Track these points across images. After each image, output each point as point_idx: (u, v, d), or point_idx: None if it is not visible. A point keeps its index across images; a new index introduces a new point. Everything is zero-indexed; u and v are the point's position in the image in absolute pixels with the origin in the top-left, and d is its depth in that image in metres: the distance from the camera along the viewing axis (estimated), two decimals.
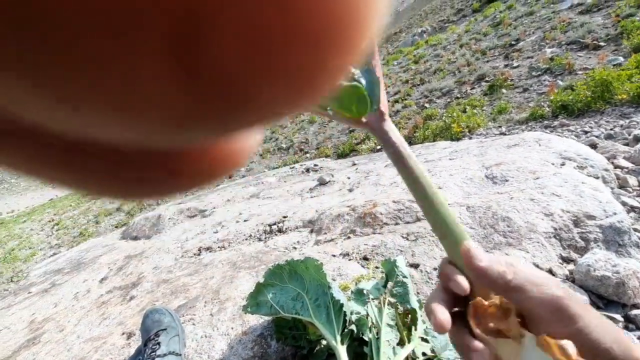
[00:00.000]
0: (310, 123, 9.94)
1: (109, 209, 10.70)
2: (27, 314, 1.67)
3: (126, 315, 1.34)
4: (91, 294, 1.74)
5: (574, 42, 6.63)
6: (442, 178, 1.74)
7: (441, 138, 4.89)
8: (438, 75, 8.60)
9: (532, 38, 7.93)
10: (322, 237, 1.59)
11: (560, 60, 5.93)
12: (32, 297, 1.94)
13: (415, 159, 0.36)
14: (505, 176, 1.54)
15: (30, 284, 2.29)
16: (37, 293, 1.98)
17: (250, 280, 1.30)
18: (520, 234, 1.16)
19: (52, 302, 1.74)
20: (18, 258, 8.16)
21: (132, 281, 1.75)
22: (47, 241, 9.49)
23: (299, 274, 0.87)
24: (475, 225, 1.25)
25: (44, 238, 10.00)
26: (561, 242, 1.12)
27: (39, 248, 8.95)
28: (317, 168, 3.73)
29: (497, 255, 0.34)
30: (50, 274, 2.42)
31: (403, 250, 1.24)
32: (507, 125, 4.75)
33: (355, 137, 7.17)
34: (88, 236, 8.65)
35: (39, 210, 16.20)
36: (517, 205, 1.28)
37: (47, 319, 1.53)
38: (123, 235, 3.20)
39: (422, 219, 1.40)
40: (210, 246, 1.94)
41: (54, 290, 1.96)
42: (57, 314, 1.57)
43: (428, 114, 6.29)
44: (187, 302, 1.27)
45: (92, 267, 2.24)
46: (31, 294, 2.02)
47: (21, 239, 10.55)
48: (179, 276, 1.58)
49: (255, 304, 0.86)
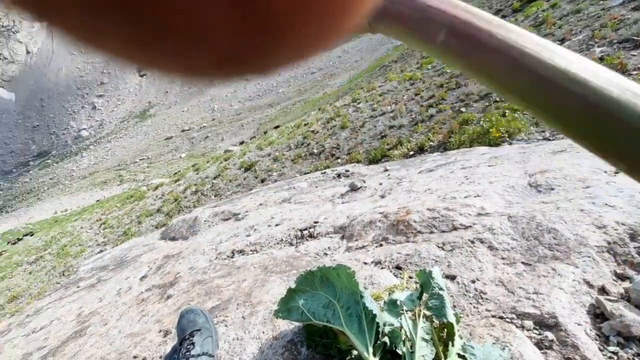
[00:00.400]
0: (342, 128, 9.93)
1: (150, 210, 11.30)
2: (76, 307, 1.79)
3: (163, 314, 1.40)
4: (132, 291, 1.83)
5: (626, 40, 6.13)
6: (481, 185, 1.66)
7: (478, 144, 4.69)
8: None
9: (579, 37, 7.43)
10: (353, 243, 1.57)
11: (612, 59, 5.50)
12: (81, 291, 2.08)
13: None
14: (551, 184, 1.45)
15: (79, 278, 2.46)
16: (85, 288, 2.13)
17: (282, 285, 1.31)
18: (568, 247, 1.07)
19: (97, 297, 1.85)
20: (69, 254, 8.82)
21: (170, 280, 1.82)
22: (95, 239, 10.19)
23: (331, 281, 0.87)
24: (518, 236, 1.18)
25: (92, 236, 10.75)
26: (615, 257, 1.03)
27: (87, 245, 9.63)
28: (348, 174, 3.71)
29: None
30: (96, 270, 2.59)
31: (438, 261, 1.20)
32: (551, 130, 4.46)
33: (388, 142, 7.07)
34: (131, 235, 9.18)
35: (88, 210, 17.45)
36: (564, 215, 1.19)
37: (92, 313, 1.64)
38: (162, 236, 3.35)
39: (458, 228, 1.35)
40: (242, 249, 1.98)
41: (99, 285, 2.09)
42: (102, 308, 1.67)
43: (464, 118, 6.06)
44: (220, 303, 1.30)
45: (133, 265, 2.37)
46: (80, 288, 2.17)
47: (72, 236, 11.41)
48: (213, 277, 1.63)
49: (287, 309, 0.87)
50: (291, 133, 13.25)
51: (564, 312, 0.88)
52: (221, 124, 51.48)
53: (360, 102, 12.43)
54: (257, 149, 13.03)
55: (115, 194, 25.00)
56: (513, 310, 0.92)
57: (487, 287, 1.03)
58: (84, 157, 60.93)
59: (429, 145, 5.98)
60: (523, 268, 1.06)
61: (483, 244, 1.20)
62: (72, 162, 58.93)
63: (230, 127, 47.24)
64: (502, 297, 0.98)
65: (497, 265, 1.10)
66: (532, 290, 0.96)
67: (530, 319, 0.89)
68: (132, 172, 37.67)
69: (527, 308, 0.91)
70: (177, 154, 42.11)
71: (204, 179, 12.04)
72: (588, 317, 0.88)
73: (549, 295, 0.93)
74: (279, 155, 10.50)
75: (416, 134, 6.90)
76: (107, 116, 79.54)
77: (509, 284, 1.01)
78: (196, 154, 38.80)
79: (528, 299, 0.94)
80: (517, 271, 1.05)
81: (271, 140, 13.63)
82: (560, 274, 0.98)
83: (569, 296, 0.92)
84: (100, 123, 77.70)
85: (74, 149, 69.90)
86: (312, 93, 47.03)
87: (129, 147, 56.99)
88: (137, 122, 73.08)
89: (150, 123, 69.02)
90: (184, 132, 55.10)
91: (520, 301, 0.94)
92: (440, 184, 1.97)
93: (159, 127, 63.55)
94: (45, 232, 14.71)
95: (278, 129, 20.60)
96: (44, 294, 2.51)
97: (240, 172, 10.92)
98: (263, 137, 18.75)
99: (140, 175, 34.28)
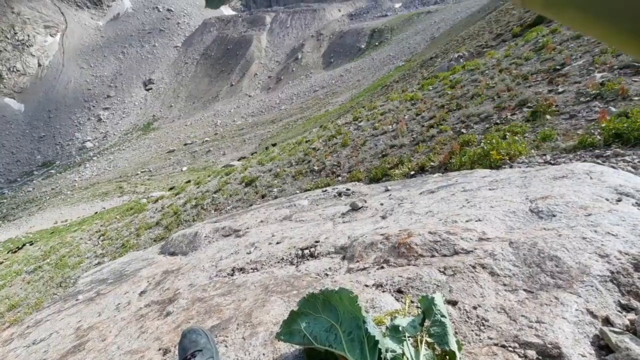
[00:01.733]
0: (343, 146, 10.01)
1: (149, 223, 11.27)
2: (75, 320, 1.78)
3: (163, 331, 1.39)
4: (131, 307, 1.82)
5: (627, 66, 6.26)
6: (482, 209, 1.67)
7: (479, 165, 4.72)
8: (476, 101, 8.41)
9: (580, 62, 7.59)
10: (354, 265, 1.57)
11: (613, 85, 5.59)
12: (79, 304, 2.07)
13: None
14: (553, 211, 1.45)
15: (78, 291, 2.44)
16: (84, 301, 2.11)
17: (282, 306, 1.30)
18: (570, 275, 1.07)
19: (96, 311, 1.84)
20: (67, 265, 8.75)
21: (169, 297, 1.81)
22: (94, 250, 10.12)
23: (333, 305, 0.87)
24: (519, 263, 1.18)
25: (90, 247, 10.69)
26: (619, 287, 1.03)
27: (85, 256, 9.56)
28: (349, 192, 3.72)
29: None
30: (95, 283, 2.57)
31: (440, 285, 1.19)
32: (552, 153, 4.50)
33: (389, 161, 7.11)
34: (129, 248, 9.13)
35: (88, 221, 17.41)
36: (566, 243, 1.19)
37: (91, 327, 1.62)
38: (162, 250, 3.34)
39: (460, 252, 1.35)
40: (243, 267, 1.97)
41: (98, 299, 2.07)
42: (101, 323, 1.65)
43: (465, 139, 6.12)
44: (220, 322, 1.29)
45: (132, 280, 2.36)
46: (78, 301, 2.15)
47: (71, 247, 11.34)
48: (213, 295, 1.62)
49: (289, 332, 0.86)
50: (292, 149, 13.36)
51: (568, 342, 0.87)
52: (223, 139, 51.95)
53: (362, 120, 12.59)
54: (258, 164, 13.11)
55: (115, 206, 25.00)
56: (516, 339, 0.92)
57: (489, 314, 1.02)
58: (87, 168, 61.25)
59: (430, 166, 6.01)
60: (525, 295, 1.05)
61: (485, 270, 1.20)
62: (75, 173, 59.19)
63: (232, 142, 47.64)
64: (504, 324, 0.97)
65: (499, 292, 1.10)
66: (535, 318, 0.96)
67: (533, 349, 0.88)
68: (133, 184, 37.78)
69: (529, 337, 0.91)
70: (178, 167, 42.32)
71: (205, 193, 12.06)
72: (592, 349, 0.87)
73: (551, 324, 0.92)
74: (280, 171, 10.55)
75: (417, 153, 6.95)
76: (111, 128, 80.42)
77: (511, 312, 1.01)
78: (197, 167, 39.00)
79: (530, 327, 0.94)
80: (519, 298, 1.05)
81: (272, 156, 13.73)
82: (563, 303, 0.98)
83: (572, 326, 0.92)
84: (104, 135, 78.50)
85: (77, 159, 70.35)
86: (314, 110, 47.62)
87: (131, 159, 57.36)
88: (141, 134, 73.82)
89: (153, 136, 69.72)
90: (186, 145, 55.55)
91: (522, 330, 0.94)
92: (442, 206, 1.98)
93: (162, 140, 64.13)
94: (45, 241, 14.64)
95: (279, 145, 20.78)
96: (43, 306, 2.49)
97: (241, 187, 10.95)
98: (265, 152, 18.89)
99: (140, 187, 34.37)
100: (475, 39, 25.67)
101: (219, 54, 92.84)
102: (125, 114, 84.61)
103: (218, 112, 70.64)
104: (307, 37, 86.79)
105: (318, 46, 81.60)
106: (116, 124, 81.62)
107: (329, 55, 76.69)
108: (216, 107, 74.20)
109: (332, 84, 59.81)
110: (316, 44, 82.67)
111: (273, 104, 64.19)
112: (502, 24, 23.84)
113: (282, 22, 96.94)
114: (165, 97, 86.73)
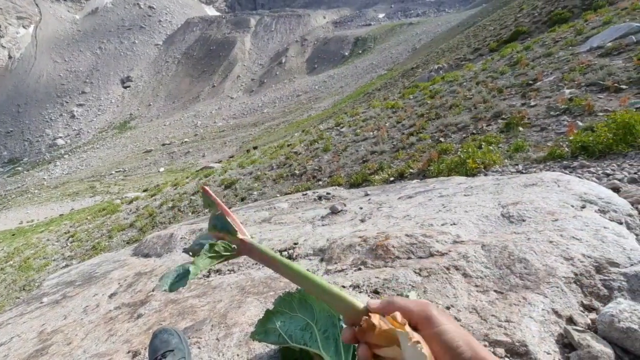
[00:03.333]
0: (325, 151, 10.06)
1: (122, 225, 10.88)
2: (38, 323, 1.68)
3: (133, 334, 1.34)
4: (100, 309, 1.75)
5: (593, 84, 6.64)
6: (457, 214, 1.72)
7: (456, 173, 4.86)
8: (454, 111, 8.67)
9: (550, 79, 7.99)
10: (332, 266, 1.57)
11: (580, 101, 5.92)
12: (44, 307, 1.96)
13: (281, 259, 0.57)
14: (522, 216, 1.52)
15: (43, 293, 2.32)
16: (49, 304, 2.00)
17: (259, 307, 1.28)
18: (538, 277, 1.12)
19: (62, 314, 1.75)
20: (32, 267, 8.30)
21: (141, 299, 1.75)
22: (61, 252, 9.65)
23: (309, 304, 0.87)
24: (491, 264, 1.22)
25: (58, 249, 10.19)
26: (582, 288, 1.08)
27: (52, 259, 9.10)
28: (329, 196, 3.74)
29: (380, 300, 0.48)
30: (62, 286, 2.45)
31: (415, 286, 1.22)
32: (524, 163, 4.70)
33: (369, 167, 7.20)
34: (100, 250, 8.76)
35: (56, 221, 16.60)
36: (534, 246, 1.25)
37: (56, 331, 1.54)
38: (135, 252, 3.23)
39: (435, 254, 1.38)
40: (219, 268, 1.94)
41: (64, 302, 1.97)
42: (66, 326, 1.58)
43: (443, 148, 6.29)
44: (193, 324, 1.26)
45: (102, 282, 2.26)
46: (43, 304, 2.04)
47: (37, 249, 10.77)
48: (187, 297, 1.58)
49: (264, 331, 0.85)
50: (274, 153, 13.29)
51: (534, 340, 0.91)
52: (203, 140, 51.04)
53: (344, 126, 12.71)
54: (238, 167, 12.96)
55: (86, 206, 23.98)
56: (486, 338, 0.94)
57: (461, 314, 1.05)
58: (57, 166, 58.56)
59: (409, 172, 6.13)
60: (495, 296, 1.09)
61: (458, 271, 1.23)
62: (44, 171, 56.43)
63: (213, 143, 46.87)
64: (475, 324, 1.00)
65: (471, 293, 1.13)
66: (504, 318, 0.99)
67: (502, 347, 0.91)
68: (107, 184, 36.40)
69: (499, 336, 0.94)
70: (155, 168, 41.15)
71: (182, 195, 11.78)
72: (557, 347, 0.91)
73: (519, 323, 0.96)
74: (261, 174, 10.47)
75: (397, 160, 7.08)
76: (85, 125, 77.34)
77: (482, 312, 1.04)
78: (175, 169, 38.07)
79: (500, 327, 0.97)
80: (490, 299, 1.08)
81: (253, 159, 13.61)
82: (530, 303, 1.02)
83: (538, 325, 0.96)
84: (77, 132, 75.37)
85: (47, 157, 67.15)
86: (297, 115, 47.69)
87: (106, 159, 55.29)
88: (116, 133, 71.37)
89: (130, 135, 67.59)
90: (164, 146, 54.14)
91: (492, 329, 0.97)
92: (419, 210, 2.02)
93: (139, 140, 62.25)
94: (9, 242, 13.82)
95: (260, 148, 20.63)
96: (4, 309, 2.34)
97: (221, 189, 10.77)
98: (245, 155, 18.69)
99: (114, 187, 33.15)
100: (454, 52, 26.55)
101: (202, 54, 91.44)
102: (100, 111, 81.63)
103: (199, 112, 69.39)
104: (291, 42, 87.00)
105: (302, 51, 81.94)
106: (90, 121, 78.56)
107: (313, 60, 77.15)
108: (197, 108, 72.89)
109: (315, 90, 60.12)
110: (300, 49, 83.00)
111: (255, 106, 63.75)
112: (479, 39, 24.80)
113: (267, 25, 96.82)
114: (144, 96, 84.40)
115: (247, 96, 72.92)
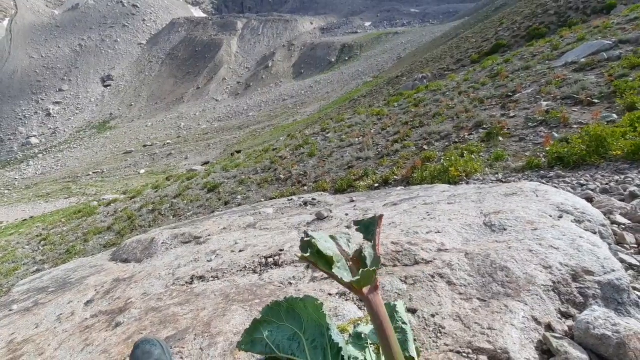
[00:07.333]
0: (310, 156, 10.07)
1: (99, 228, 10.52)
2: (7, 332, 1.60)
3: (111, 343, 1.29)
4: (75, 317, 1.68)
5: (568, 97, 6.94)
6: (441, 222, 1.75)
7: (439, 180, 4.96)
8: (437, 119, 8.87)
9: (529, 91, 8.29)
10: (318, 274, 1.57)
11: (556, 113, 6.17)
12: (13, 315, 1.87)
13: (391, 329, 0.60)
14: (504, 225, 1.56)
15: (12, 300, 2.21)
16: (19, 311, 1.91)
17: (244, 315, 1.27)
18: (519, 285, 1.16)
19: (33, 323, 1.67)
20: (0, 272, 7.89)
21: (119, 307, 1.69)
22: (32, 256, 9.22)
23: (297, 313, 0.86)
24: (474, 273, 1.25)
25: (29, 252, 9.73)
26: (560, 296, 1.12)
27: (22, 263, 8.68)
28: (315, 202, 3.74)
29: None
30: (33, 292, 2.34)
31: (401, 294, 1.23)
32: (503, 172, 4.84)
33: (354, 173, 7.25)
34: (75, 254, 8.43)
35: (28, 224, 15.87)
36: (515, 255, 1.28)
37: (27, 340, 1.47)
38: (113, 257, 3.13)
39: (420, 262, 1.40)
40: (203, 275, 1.90)
41: (36, 309, 1.88)
42: (38, 335, 1.50)
43: (427, 155, 6.42)
44: (176, 333, 1.23)
45: (78, 289, 2.18)
46: (12, 311, 1.94)
47: (6, 252, 10.25)
48: (169, 305, 1.54)
49: (250, 341, 0.84)
50: (259, 157, 13.19)
51: (515, 347, 0.93)
52: (186, 142, 50.10)
53: (330, 132, 12.77)
54: (222, 170, 12.79)
55: (61, 208, 23.05)
56: (469, 345, 0.96)
57: (445, 322, 1.07)
58: (30, 165, 56.14)
59: (394, 179, 6.21)
60: (478, 304, 1.11)
61: (443, 279, 1.25)
62: (16, 170, 53.97)
63: (196, 146, 46.08)
64: (459, 331, 1.02)
65: (455, 300, 1.15)
66: (487, 325, 1.01)
67: (485, 354, 0.93)
68: (83, 185, 35.13)
69: (482, 343, 0.96)
70: (135, 170, 40.04)
71: (163, 198, 11.51)
72: (537, 353, 0.94)
73: (501, 331, 0.98)
74: (245, 178, 10.36)
75: (382, 167, 7.16)
76: (62, 124, 74.61)
77: (465, 319, 1.06)
78: (157, 171, 37.15)
79: (483, 334, 0.99)
80: (473, 307, 1.11)
81: (238, 163, 13.46)
82: (511, 311, 1.05)
83: (519, 332, 0.98)
84: (53, 131, 72.60)
85: (20, 156, 64.32)
86: (283, 119, 47.57)
87: (83, 159, 53.42)
88: (95, 133, 69.15)
89: (109, 135, 65.62)
90: (145, 147, 52.80)
91: (476, 336, 0.99)
92: (404, 218, 2.05)
93: (119, 141, 60.49)
94: None
95: (245, 152, 20.44)
96: None
97: (204, 192, 10.59)
98: (230, 158, 18.47)
99: (91, 189, 32.02)
100: (438, 62, 27.20)
101: (187, 55, 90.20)
102: (79, 110, 79.02)
103: (182, 114, 68.20)
104: (278, 46, 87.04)
105: (289, 56, 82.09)
106: (68, 120, 75.89)
107: (300, 65, 77.39)
108: (180, 110, 71.64)
109: (301, 94, 60.23)
110: (287, 53, 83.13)
111: (241, 110, 63.22)
112: (462, 50, 25.53)
113: (254, 29, 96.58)
114: (125, 96, 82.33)
115: (233, 99, 72.29)
